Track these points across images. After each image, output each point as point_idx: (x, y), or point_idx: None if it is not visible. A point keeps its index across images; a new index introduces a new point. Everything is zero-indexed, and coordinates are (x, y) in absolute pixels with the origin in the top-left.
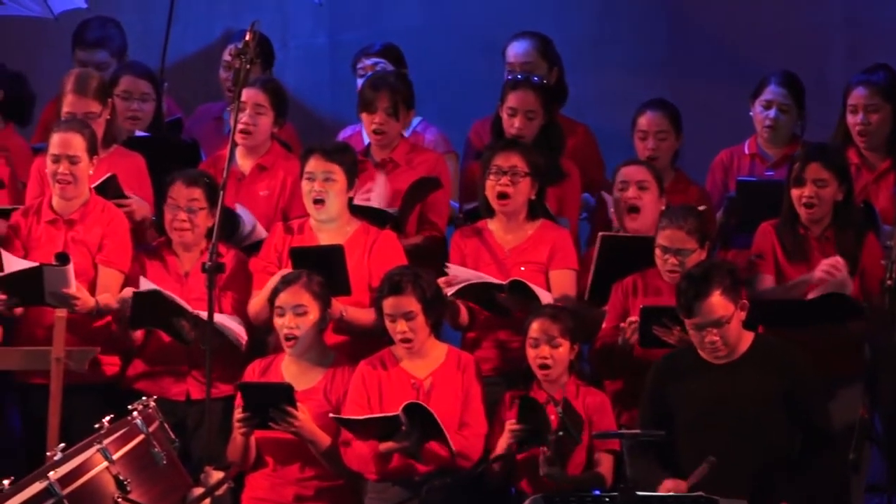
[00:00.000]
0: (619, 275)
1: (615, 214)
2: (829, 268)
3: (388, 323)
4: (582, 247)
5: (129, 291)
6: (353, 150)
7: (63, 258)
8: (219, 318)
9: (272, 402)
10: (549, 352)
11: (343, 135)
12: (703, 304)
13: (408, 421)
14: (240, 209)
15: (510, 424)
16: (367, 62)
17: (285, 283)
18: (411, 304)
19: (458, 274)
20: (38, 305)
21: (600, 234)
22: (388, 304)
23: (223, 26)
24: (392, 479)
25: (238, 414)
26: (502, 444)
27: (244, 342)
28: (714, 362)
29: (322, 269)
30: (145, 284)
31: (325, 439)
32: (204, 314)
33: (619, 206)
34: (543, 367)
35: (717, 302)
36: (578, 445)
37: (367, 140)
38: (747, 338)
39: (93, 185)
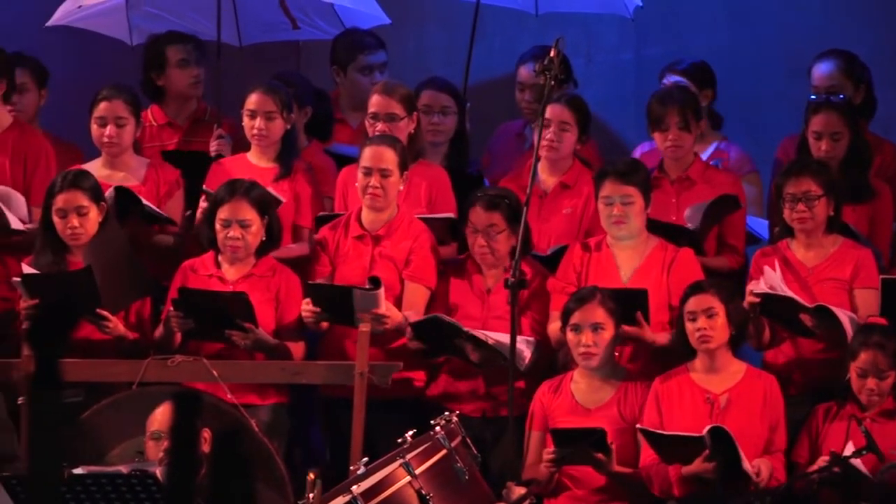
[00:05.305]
0: None
1: None
2: None
3: (687, 323)
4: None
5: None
6: (645, 166)
7: (375, 282)
8: (501, 337)
9: (582, 444)
10: (876, 384)
11: (640, 150)
12: None
13: (712, 445)
14: None
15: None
16: (668, 79)
17: (579, 300)
18: (712, 301)
19: (770, 278)
20: (347, 325)
21: (882, 277)
22: (691, 302)
23: (529, 43)
24: (692, 499)
25: (548, 455)
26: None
27: (525, 363)
28: None
29: (626, 309)
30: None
31: (634, 477)
32: (487, 334)
33: None
34: (870, 396)
35: None
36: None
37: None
38: None
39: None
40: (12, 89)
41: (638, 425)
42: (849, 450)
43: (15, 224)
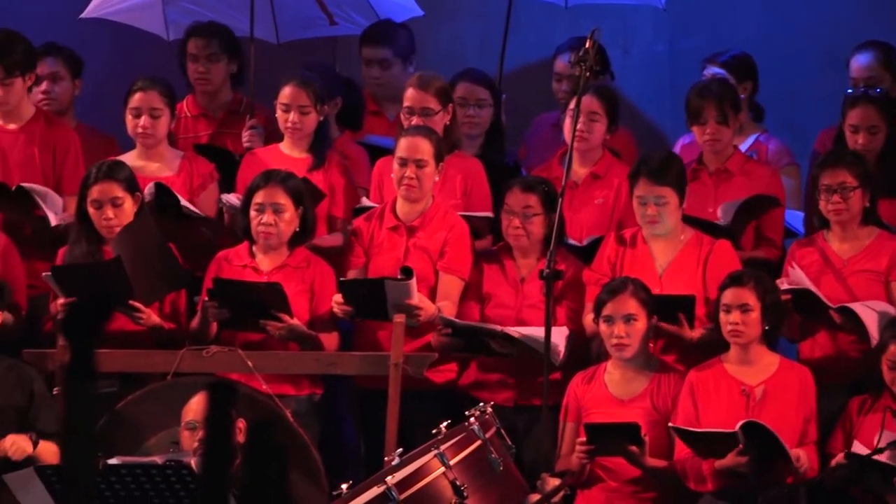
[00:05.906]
0: None
1: None
2: None
3: (721, 313)
4: None
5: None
6: (680, 161)
7: (407, 272)
8: (533, 331)
9: (616, 438)
10: None
11: (682, 143)
12: None
13: (745, 440)
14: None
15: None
16: (708, 70)
17: (611, 292)
18: (749, 297)
19: (796, 275)
20: (380, 320)
21: None
22: (728, 294)
23: (563, 34)
24: (727, 490)
25: (580, 447)
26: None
27: (560, 357)
28: None
29: (669, 314)
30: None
31: (668, 470)
32: (520, 330)
33: None
34: None
35: None
36: None
37: None
38: None
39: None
40: (35, 81)
41: (670, 423)
42: (861, 449)
43: (54, 221)
